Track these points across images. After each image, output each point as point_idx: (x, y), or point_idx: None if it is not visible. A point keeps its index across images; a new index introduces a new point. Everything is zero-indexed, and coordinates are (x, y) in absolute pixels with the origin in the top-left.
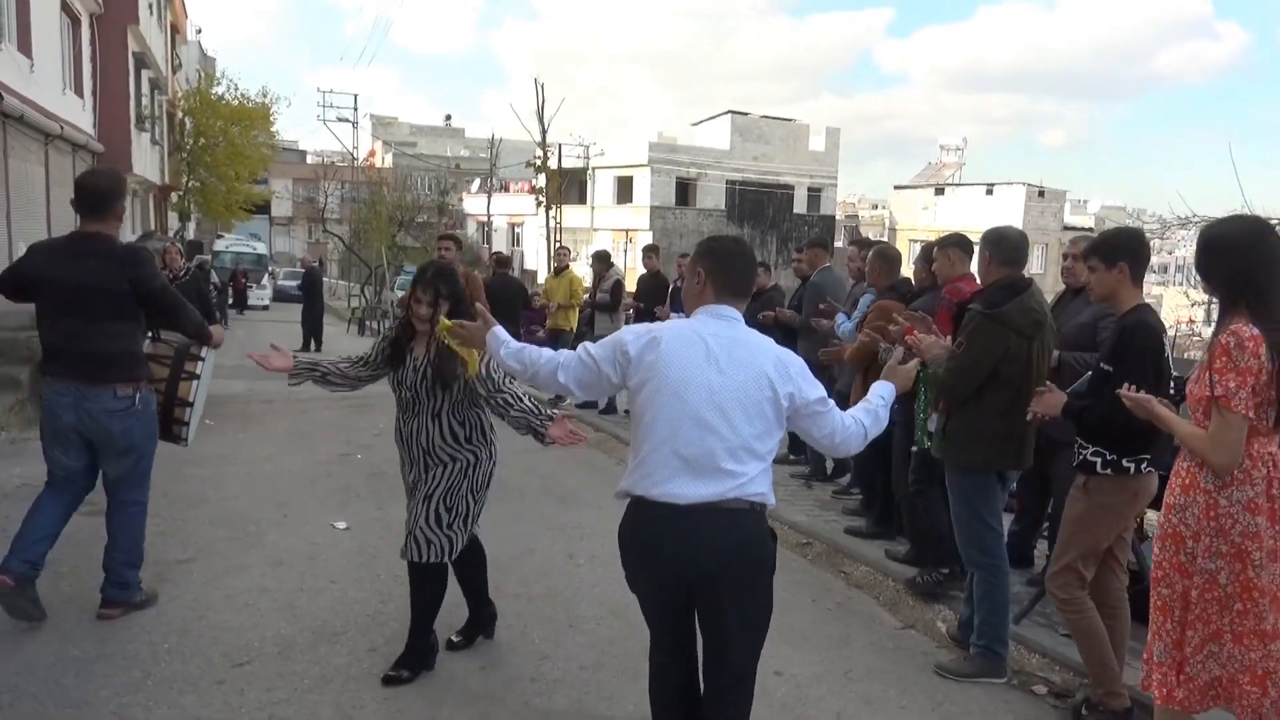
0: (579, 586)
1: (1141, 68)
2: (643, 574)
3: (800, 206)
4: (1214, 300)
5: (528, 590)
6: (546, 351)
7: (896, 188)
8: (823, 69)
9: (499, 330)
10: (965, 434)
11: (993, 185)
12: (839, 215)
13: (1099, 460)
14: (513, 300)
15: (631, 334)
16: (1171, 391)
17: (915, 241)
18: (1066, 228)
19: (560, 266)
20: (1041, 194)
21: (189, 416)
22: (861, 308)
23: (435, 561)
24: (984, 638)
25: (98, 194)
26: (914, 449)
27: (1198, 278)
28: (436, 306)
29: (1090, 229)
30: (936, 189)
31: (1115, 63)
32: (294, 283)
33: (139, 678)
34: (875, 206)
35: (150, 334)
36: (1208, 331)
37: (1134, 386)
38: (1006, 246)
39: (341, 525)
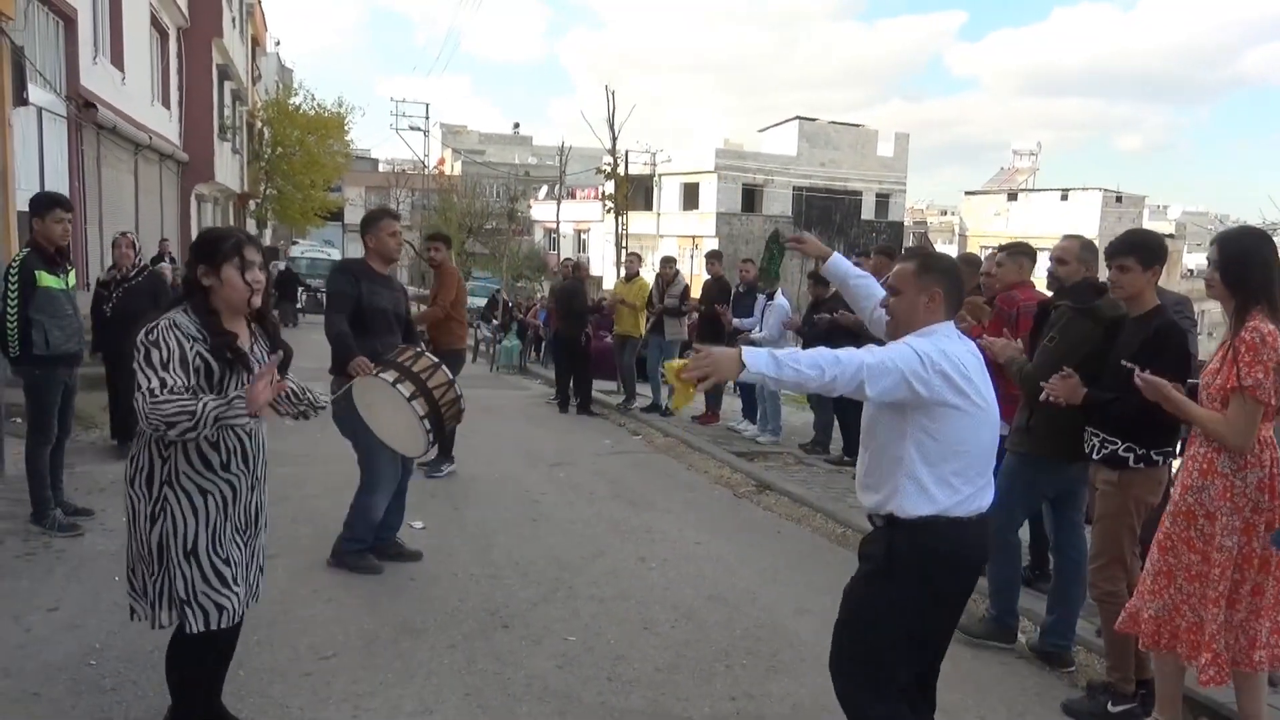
0: (651, 589)
1: (1224, 70)
2: (963, 591)
3: (868, 213)
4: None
5: (600, 592)
6: (823, 354)
7: (967, 193)
8: (892, 74)
9: (751, 350)
10: (1046, 427)
11: (1068, 191)
12: (908, 222)
13: (1131, 455)
14: (583, 306)
15: (937, 352)
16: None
17: (986, 248)
18: None
19: (631, 273)
20: (1119, 199)
21: None
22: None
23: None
24: (997, 607)
25: None
26: None
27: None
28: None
29: (1172, 235)
30: (1009, 194)
31: (1195, 65)
32: None
33: (231, 668)
34: (945, 213)
35: None
36: None
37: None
38: (1091, 250)
39: (419, 525)
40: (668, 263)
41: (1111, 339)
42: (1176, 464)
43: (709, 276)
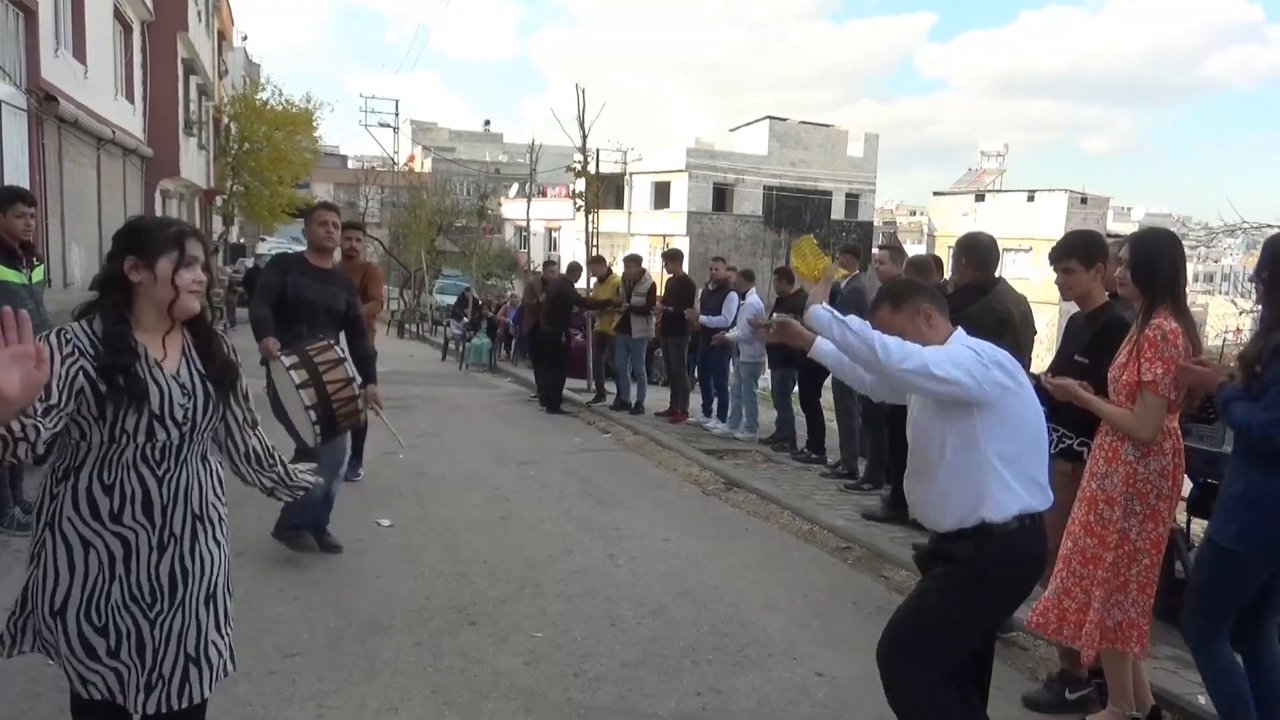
0: (619, 586)
1: (1190, 73)
2: (1032, 585)
3: (838, 212)
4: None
5: (568, 589)
6: (881, 334)
7: (936, 194)
8: (863, 75)
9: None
10: None
11: (1034, 192)
12: (877, 222)
13: (1085, 450)
14: (569, 306)
15: (979, 345)
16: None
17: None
18: (1110, 235)
19: (604, 274)
20: (1084, 201)
21: None
22: None
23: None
24: None
25: None
26: None
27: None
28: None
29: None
30: (977, 195)
31: (1163, 68)
32: None
33: None
34: (914, 213)
35: None
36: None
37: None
38: (980, 251)
39: (386, 522)
40: (633, 261)
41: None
42: None
43: (669, 276)
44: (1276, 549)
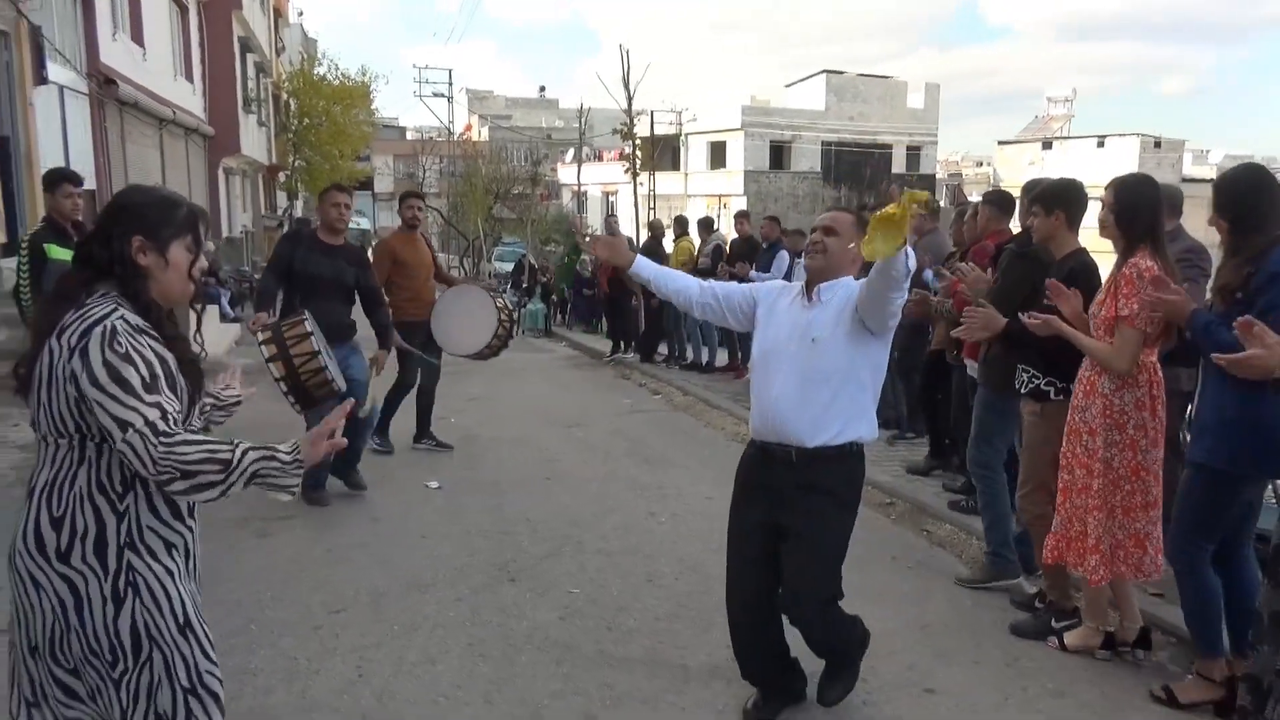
0: (659, 543)
1: (1272, 5)
2: None
3: (899, 166)
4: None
5: (608, 546)
6: None
7: (1000, 143)
8: (923, 24)
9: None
10: (1003, 361)
11: (1104, 137)
12: (940, 174)
13: (1051, 389)
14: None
15: None
16: None
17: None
18: (1186, 180)
19: (679, 234)
20: (1158, 145)
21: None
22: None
23: None
24: (992, 543)
25: None
26: None
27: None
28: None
29: (1213, 180)
30: (1044, 143)
31: (1242, 2)
32: None
33: (242, 623)
34: (980, 164)
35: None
36: None
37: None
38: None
39: (434, 484)
40: (704, 225)
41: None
42: None
43: (736, 235)
44: (1266, 466)
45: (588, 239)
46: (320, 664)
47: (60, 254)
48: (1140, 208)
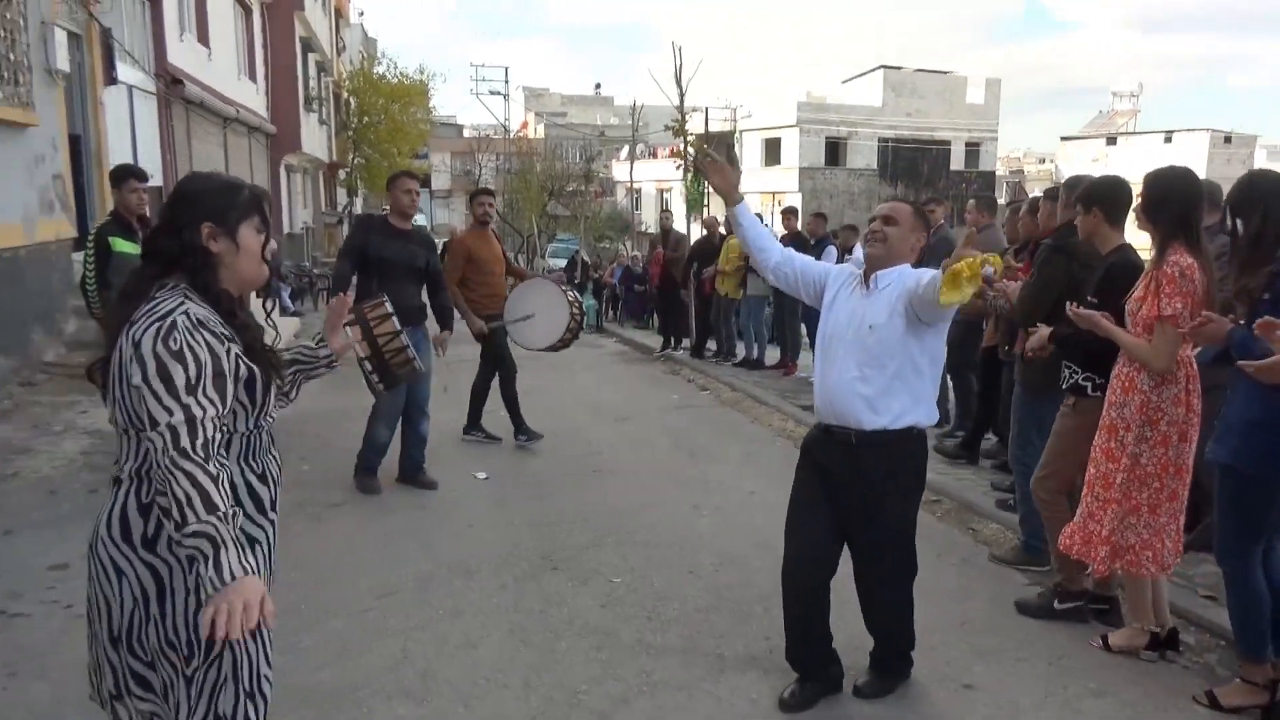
0: (700, 536)
1: None
2: None
3: (957, 163)
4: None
5: (650, 538)
6: None
7: (1063, 139)
8: (984, 17)
9: None
10: (1045, 360)
11: (1171, 133)
12: (1000, 170)
13: (1089, 385)
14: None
15: None
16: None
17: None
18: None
19: (729, 231)
20: (1228, 140)
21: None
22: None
23: None
24: (1025, 533)
25: None
26: None
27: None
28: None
29: None
30: (1108, 139)
31: None
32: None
33: (294, 603)
34: (1042, 160)
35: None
36: None
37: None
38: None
39: (481, 475)
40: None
41: (1093, 270)
42: None
43: (784, 232)
44: None
45: (707, 158)
46: (368, 644)
47: (125, 247)
48: (1170, 201)
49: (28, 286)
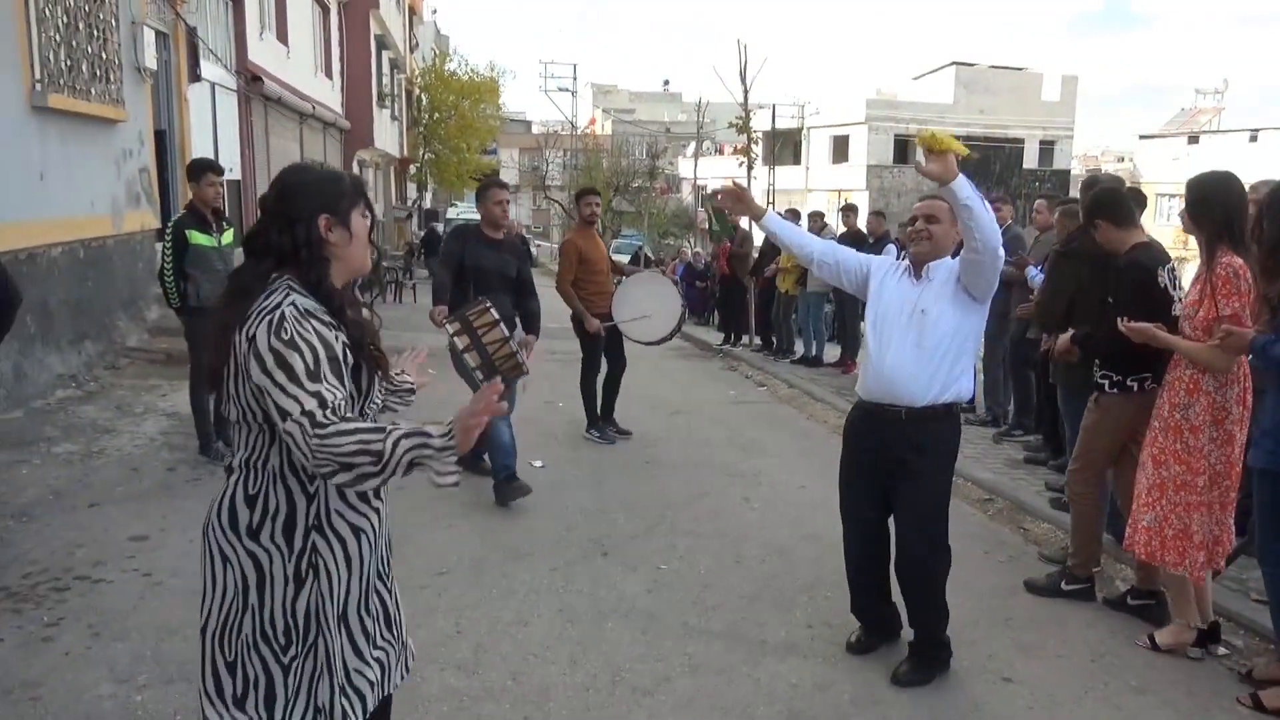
0: (748, 527)
1: None
2: None
3: (1030, 161)
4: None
5: (699, 528)
6: None
7: (1142, 137)
8: (1064, 12)
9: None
10: (1070, 361)
11: (1257, 131)
12: (1076, 169)
13: (1106, 382)
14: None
15: None
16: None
17: (1163, 196)
18: None
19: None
20: None
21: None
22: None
23: None
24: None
25: None
26: None
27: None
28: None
29: None
30: (1190, 137)
31: None
32: None
33: None
34: (1121, 159)
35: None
36: None
37: (1128, 317)
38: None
39: (538, 464)
40: (814, 218)
41: (1104, 269)
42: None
43: (843, 229)
44: None
45: (718, 195)
46: (423, 620)
47: (201, 240)
48: (1212, 204)
49: (114, 275)
